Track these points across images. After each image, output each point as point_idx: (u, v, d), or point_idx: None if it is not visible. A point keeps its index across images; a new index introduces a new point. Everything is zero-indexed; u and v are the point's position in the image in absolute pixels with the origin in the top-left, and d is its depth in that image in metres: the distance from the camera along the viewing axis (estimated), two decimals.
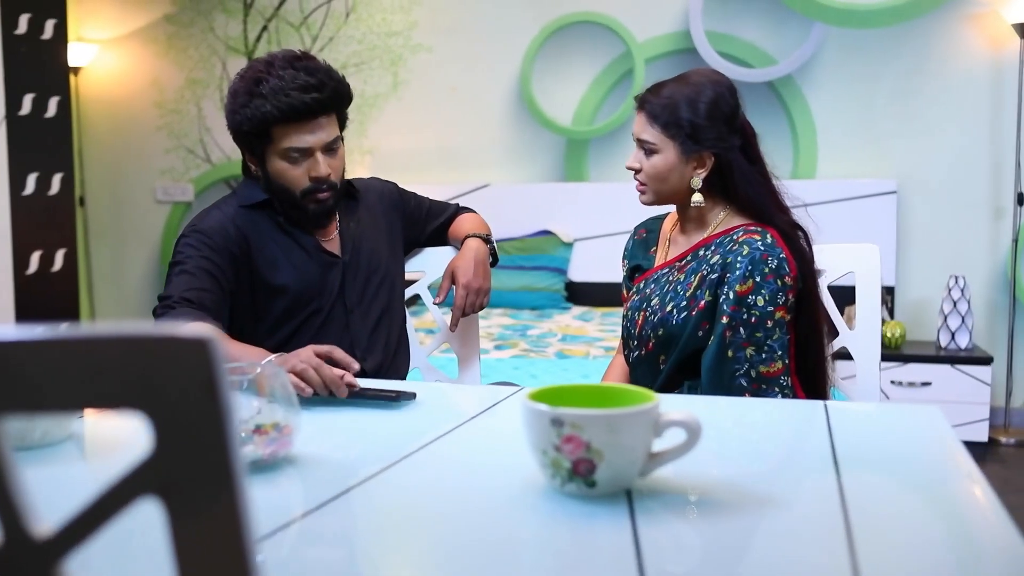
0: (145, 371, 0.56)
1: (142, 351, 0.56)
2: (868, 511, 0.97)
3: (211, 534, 0.58)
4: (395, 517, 1.03)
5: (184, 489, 0.57)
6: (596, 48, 4.56)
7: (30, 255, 4.01)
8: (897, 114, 4.25)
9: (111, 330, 0.55)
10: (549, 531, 0.96)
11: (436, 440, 1.25)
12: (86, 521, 0.58)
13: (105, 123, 5.13)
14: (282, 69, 1.76)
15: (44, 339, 0.56)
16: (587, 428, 0.97)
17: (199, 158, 5.05)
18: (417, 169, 4.75)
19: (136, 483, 0.57)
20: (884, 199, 4.21)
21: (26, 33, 3.96)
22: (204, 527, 0.58)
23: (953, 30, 4.16)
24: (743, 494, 1.03)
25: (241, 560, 0.58)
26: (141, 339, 0.56)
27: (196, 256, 1.76)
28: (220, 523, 0.58)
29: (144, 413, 0.56)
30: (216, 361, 0.55)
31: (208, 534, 0.58)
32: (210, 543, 0.58)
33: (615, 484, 1.00)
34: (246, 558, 0.58)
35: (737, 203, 1.82)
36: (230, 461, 0.57)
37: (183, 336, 0.55)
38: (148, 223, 5.14)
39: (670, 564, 0.86)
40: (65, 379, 0.56)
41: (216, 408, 0.56)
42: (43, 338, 0.56)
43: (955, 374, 3.87)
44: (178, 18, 5.01)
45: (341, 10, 4.81)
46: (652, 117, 1.78)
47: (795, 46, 4.31)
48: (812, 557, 0.87)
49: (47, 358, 0.57)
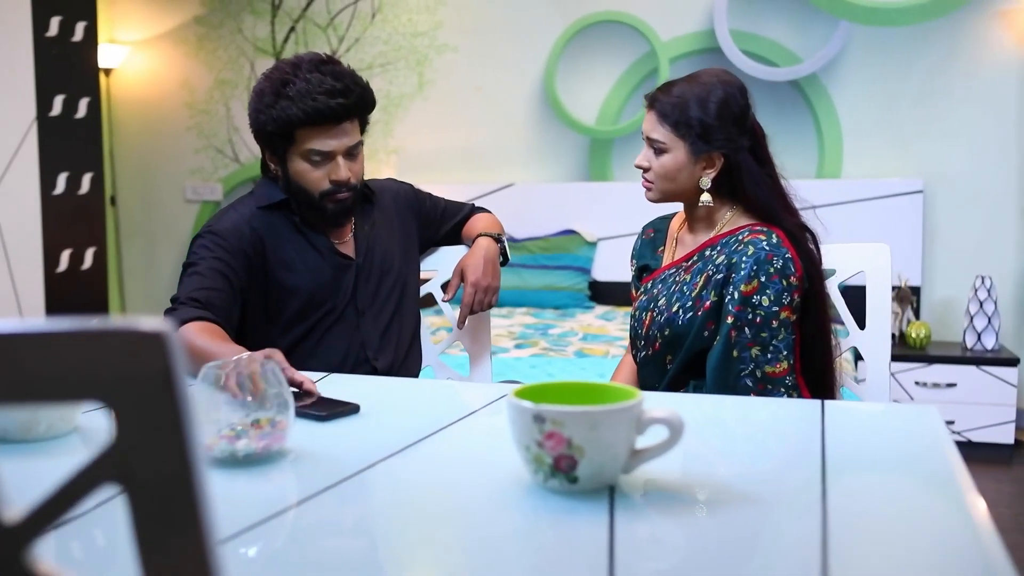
0: (105, 363, 0.58)
1: (102, 344, 0.58)
2: (846, 511, 0.97)
3: (171, 520, 0.60)
4: (383, 510, 1.05)
5: (144, 476, 0.59)
6: (620, 48, 4.56)
7: (60, 253, 4.08)
8: (923, 113, 4.21)
9: (72, 324, 0.58)
10: (530, 526, 0.98)
11: (430, 436, 1.27)
12: (52, 506, 0.60)
13: (136, 123, 5.21)
14: (309, 72, 1.78)
15: (6, 333, 0.58)
16: (568, 425, 0.98)
17: (227, 158, 5.11)
18: (442, 169, 4.78)
19: (98, 471, 0.59)
20: (910, 199, 4.17)
21: (57, 35, 4.04)
22: (164, 513, 0.60)
23: (981, 28, 4.12)
24: (725, 492, 1.03)
25: (201, 546, 0.60)
26: (101, 333, 0.58)
27: (209, 257, 1.79)
28: (180, 509, 0.60)
29: (105, 404, 0.58)
30: (173, 353, 0.57)
31: (168, 520, 0.60)
32: (170, 529, 0.60)
33: (597, 480, 1.01)
34: (206, 544, 0.60)
35: (745, 204, 1.82)
36: (188, 449, 0.59)
37: (141, 329, 0.57)
38: (178, 222, 5.21)
39: (641, 560, 0.87)
40: (27, 372, 0.59)
41: (173, 399, 0.58)
42: (5, 332, 0.58)
43: (981, 375, 3.83)
44: (208, 20, 5.08)
45: (367, 11, 4.85)
46: (662, 116, 1.79)
47: (820, 45, 4.28)
48: (783, 556, 0.88)
49: (9, 351, 0.59)
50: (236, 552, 0.89)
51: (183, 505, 0.59)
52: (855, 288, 1.97)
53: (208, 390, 1.14)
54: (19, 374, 0.59)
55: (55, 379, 0.59)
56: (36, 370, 0.59)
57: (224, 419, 1.13)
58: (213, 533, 0.60)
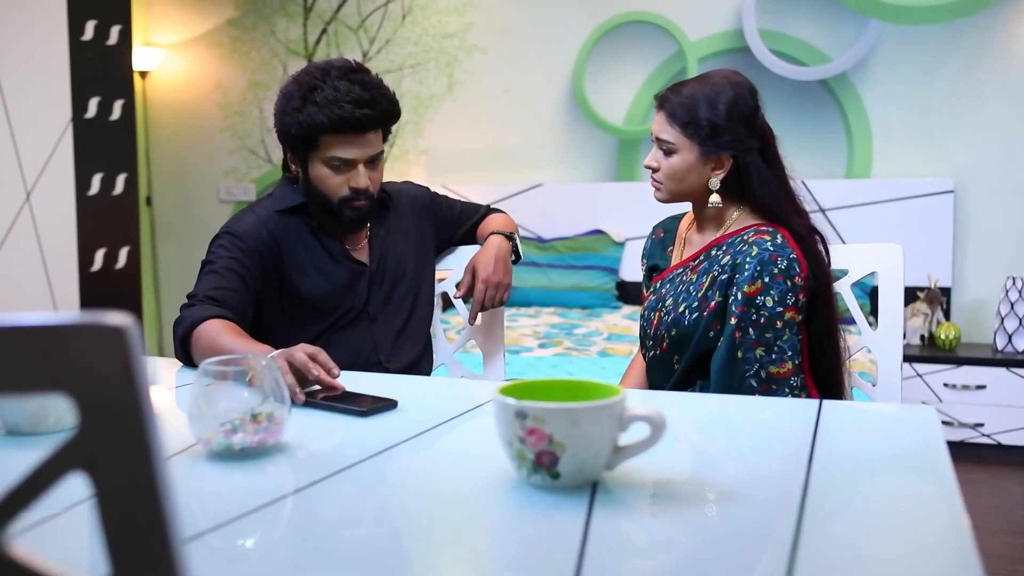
0: (69, 356, 0.61)
1: (66, 337, 0.61)
2: (821, 510, 0.98)
3: (133, 506, 0.63)
4: (372, 503, 1.07)
5: (107, 464, 0.62)
6: (648, 48, 4.56)
7: (95, 253, 4.17)
8: (954, 112, 4.16)
9: (37, 318, 0.61)
10: (513, 520, 1.00)
11: (424, 433, 1.29)
12: (21, 494, 0.63)
13: (171, 125, 5.30)
14: (338, 80, 1.81)
15: None
16: (549, 421, 1.00)
17: (260, 158, 5.18)
18: (471, 169, 4.81)
19: (64, 459, 0.62)
20: (941, 198, 4.13)
21: (92, 39, 4.12)
22: (127, 500, 0.63)
23: (1012, 25, 4.06)
24: (707, 490, 1.04)
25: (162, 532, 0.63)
26: (64, 327, 0.61)
27: (226, 257, 1.83)
28: (141, 496, 0.63)
29: (69, 395, 0.61)
30: (133, 346, 0.60)
31: (131, 506, 0.63)
32: (133, 515, 0.63)
33: (579, 476, 1.03)
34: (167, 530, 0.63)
35: (752, 204, 1.82)
36: (148, 438, 0.62)
37: (102, 323, 0.60)
38: (212, 222, 5.29)
39: (610, 555, 0.88)
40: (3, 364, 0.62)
41: (134, 390, 0.61)
42: None
43: (1011, 378, 3.78)
44: (241, 22, 5.15)
45: (398, 13, 4.89)
46: (671, 117, 1.79)
47: (850, 44, 4.25)
48: (751, 555, 0.89)
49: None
50: (229, 543, 0.92)
51: (145, 492, 0.62)
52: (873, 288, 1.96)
53: (207, 385, 1.17)
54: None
55: (19, 371, 0.62)
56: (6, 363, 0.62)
57: (222, 413, 1.16)
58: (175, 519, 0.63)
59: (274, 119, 1.90)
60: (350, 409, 1.38)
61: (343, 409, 1.38)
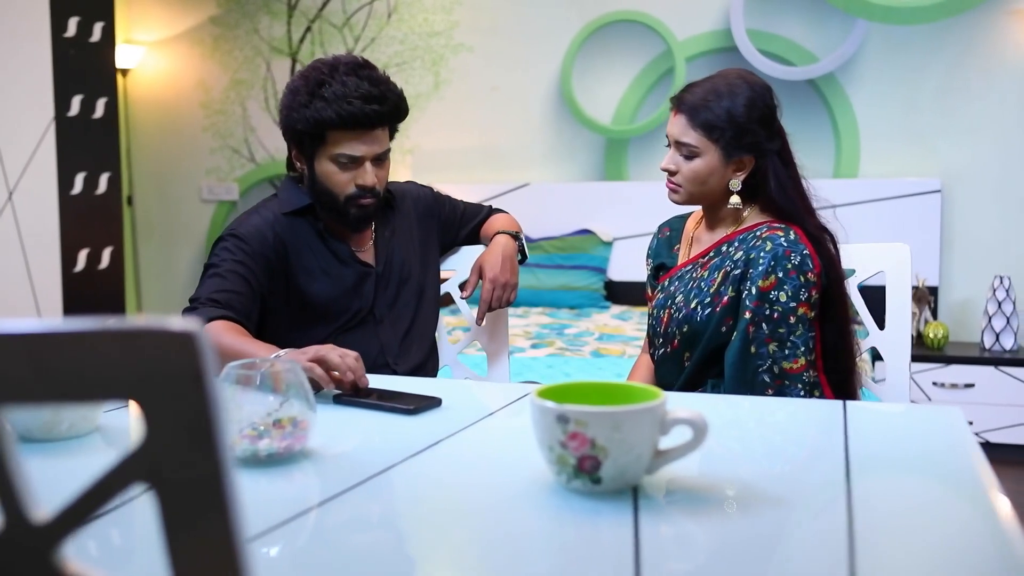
0: (136, 363, 0.58)
1: (133, 344, 0.58)
2: (871, 511, 0.97)
3: (199, 519, 0.60)
4: (405, 510, 1.05)
5: (173, 476, 0.59)
6: (636, 47, 4.55)
7: (78, 253, 4.10)
8: (941, 112, 4.19)
9: (103, 324, 0.58)
10: (554, 526, 0.97)
11: (450, 437, 1.27)
12: (82, 506, 0.60)
13: (153, 124, 5.23)
14: (346, 75, 1.78)
15: (40, 332, 0.59)
16: (592, 425, 0.98)
17: (244, 158, 5.12)
18: (458, 168, 4.78)
19: (128, 471, 0.59)
20: (928, 198, 4.15)
21: (75, 36, 4.06)
22: (193, 512, 0.60)
23: (998, 26, 4.09)
24: (750, 493, 1.03)
25: (230, 545, 0.60)
26: (132, 332, 0.58)
27: (230, 260, 1.79)
28: (208, 508, 0.60)
29: (135, 403, 0.58)
30: (203, 353, 0.57)
31: (196, 519, 0.60)
32: (199, 528, 0.60)
33: (620, 481, 1.01)
34: (235, 544, 0.60)
35: (765, 204, 1.81)
36: (217, 449, 0.59)
37: (172, 329, 0.57)
38: (194, 222, 5.23)
39: (667, 561, 0.86)
40: (59, 371, 0.59)
41: (203, 398, 0.58)
42: (39, 331, 0.59)
43: (999, 376, 3.81)
44: (223, 20, 5.09)
45: (383, 11, 4.85)
46: (692, 119, 1.76)
47: (837, 43, 4.26)
48: (809, 558, 0.87)
49: (42, 351, 0.59)
50: (259, 552, 0.89)
51: (212, 505, 0.59)
52: (871, 288, 1.96)
53: (230, 389, 1.14)
54: (50, 373, 0.59)
55: (85, 378, 0.59)
56: (66, 369, 0.59)
57: (246, 418, 1.13)
58: (242, 533, 0.60)
59: (280, 115, 1.87)
60: (397, 408, 1.37)
61: (389, 408, 1.37)
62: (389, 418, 1.37)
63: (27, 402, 0.60)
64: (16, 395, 0.60)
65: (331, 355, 1.45)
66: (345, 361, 1.45)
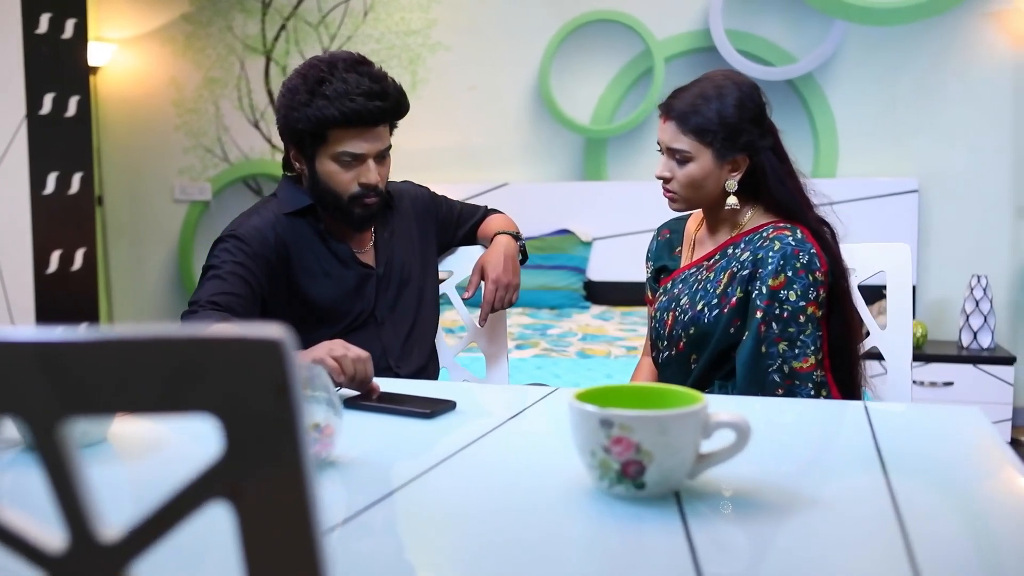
0: (216, 373, 0.55)
1: (213, 353, 0.55)
2: (920, 511, 0.96)
3: (281, 538, 0.57)
4: (441, 520, 1.02)
5: (254, 493, 0.56)
6: (615, 47, 4.54)
7: (50, 254, 4.01)
8: (918, 112, 4.22)
9: (181, 332, 0.55)
10: (598, 533, 0.95)
11: (476, 442, 1.24)
12: (155, 525, 0.57)
13: (123, 122, 5.14)
14: (346, 72, 1.75)
15: (113, 340, 0.55)
16: (637, 429, 0.96)
17: (217, 157, 5.05)
18: (436, 168, 4.74)
19: (206, 486, 0.56)
20: (905, 198, 4.18)
21: (47, 33, 3.97)
22: (274, 531, 0.57)
23: (975, 27, 4.13)
24: (791, 496, 1.01)
25: (312, 564, 0.57)
26: (212, 341, 0.55)
27: (230, 261, 1.75)
28: (290, 527, 0.57)
29: (214, 416, 0.55)
30: (289, 363, 0.54)
31: (278, 538, 0.57)
32: (280, 547, 0.57)
33: (664, 486, 0.99)
34: (317, 562, 0.57)
35: (767, 202, 1.80)
36: (301, 464, 0.56)
37: (255, 337, 0.54)
38: (166, 222, 5.14)
39: (726, 566, 0.85)
40: (134, 382, 0.56)
41: (288, 410, 0.55)
42: (112, 339, 0.55)
43: (978, 374, 3.84)
44: (196, 17, 5.01)
45: (359, 9, 4.80)
46: (682, 124, 1.75)
47: (815, 44, 4.28)
48: (871, 560, 0.86)
49: (116, 360, 0.56)
50: None
51: (294, 522, 0.57)
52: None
53: None
54: (126, 383, 0.56)
55: (162, 389, 0.56)
56: (142, 379, 0.56)
57: None
58: (324, 551, 0.57)
59: (278, 115, 1.83)
60: (413, 412, 1.34)
61: (405, 412, 1.34)
62: (405, 422, 1.34)
63: (101, 413, 0.57)
64: (90, 406, 0.56)
65: (340, 350, 1.42)
66: (355, 365, 1.42)
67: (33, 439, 0.59)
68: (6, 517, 0.60)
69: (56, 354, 0.56)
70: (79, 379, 0.57)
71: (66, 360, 0.57)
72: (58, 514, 0.58)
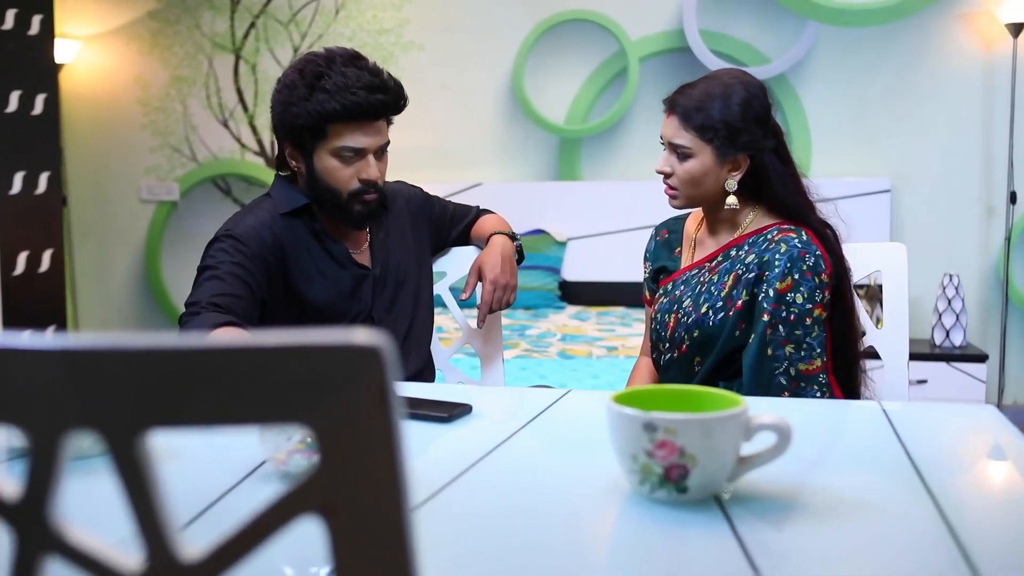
0: (312, 382, 0.52)
1: (309, 361, 0.52)
2: (964, 509, 0.95)
3: (375, 554, 0.55)
4: (477, 526, 1.00)
5: (349, 507, 0.54)
6: (589, 46, 4.54)
7: (17, 256, 3.92)
8: (891, 113, 4.27)
9: (276, 339, 0.52)
10: (640, 538, 0.94)
11: (500, 446, 1.22)
12: (240, 543, 0.55)
13: (88, 121, 5.04)
14: (344, 66, 1.73)
15: (200, 349, 0.52)
16: (682, 433, 0.94)
17: (185, 157, 4.97)
18: (409, 168, 4.69)
19: (297, 501, 0.54)
20: (878, 198, 4.23)
21: (12, 29, 3.87)
22: (368, 547, 0.54)
23: (945, 29, 4.19)
24: (834, 498, 1.01)
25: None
26: (308, 348, 0.52)
27: (228, 262, 1.71)
28: (385, 542, 0.54)
29: (309, 427, 0.53)
30: (389, 370, 0.52)
31: (372, 554, 0.55)
32: (374, 563, 0.55)
33: (706, 490, 0.98)
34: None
35: (770, 204, 1.80)
36: (399, 477, 0.54)
37: (354, 343, 0.52)
38: (132, 223, 5.05)
39: (786, 571, 0.83)
40: (227, 392, 0.53)
41: (387, 421, 0.53)
42: (199, 348, 0.52)
43: (951, 372, 3.89)
44: (163, 15, 4.93)
45: (331, 7, 4.75)
46: (685, 120, 1.75)
47: (789, 45, 4.31)
48: (928, 560, 0.85)
49: (202, 369, 0.53)
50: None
51: (390, 538, 0.54)
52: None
53: None
54: (213, 393, 0.53)
55: (253, 400, 0.53)
56: (230, 390, 0.53)
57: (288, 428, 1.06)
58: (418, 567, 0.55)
59: (274, 112, 1.80)
60: (431, 415, 1.31)
61: (422, 416, 1.31)
62: (422, 426, 1.31)
63: (190, 425, 0.54)
64: (177, 418, 0.54)
65: None
66: None
67: (109, 453, 0.56)
68: (79, 538, 0.57)
69: (137, 363, 0.53)
70: (161, 390, 0.54)
71: (147, 370, 0.54)
72: (136, 532, 0.55)
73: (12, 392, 0.55)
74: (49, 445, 0.55)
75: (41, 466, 0.56)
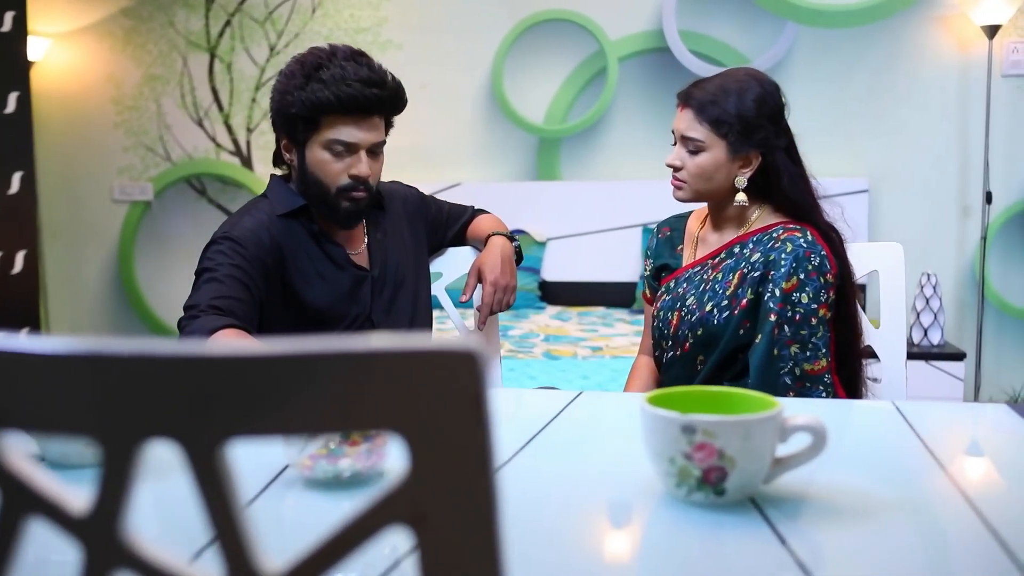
0: (405, 389, 0.51)
1: (402, 367, 0.51)
2: (1001, 508, 0.95)
3: (465, 567, 0.53)
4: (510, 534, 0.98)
5: (439, 518, 0.52)
6: (568, 46, 4.53)
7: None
8: (868, 113, 4.30)
9: (368, 345, 0.50)
10: (678, 540, 0.93)
11: (523, 449, 1.21)
12: (324, 556, 0.53)
13: (59, 120, 4.95)
14: (344, 60, 1.72)
15: (287, 354, 0.51)
16: (721, 435, 0.94)
17: (159, 156, 4.90)
18: (387, 168, 4.62)
19: (386, 512, 0.52)
20: (856, 198, 4.26)
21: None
22: (458, 559, 0.53)
23: (922, 31, 4.23)
24: (866, 498, 1.00)
25: None
26: (401, 354, 0.51)
27: (227, 263, 1.68)
28: (475, 555, 0.53)
29: (401, 435, 0.51)
30: (484, 377, 0.51)
31: (461, 567, 0.53)
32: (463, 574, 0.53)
33: (743, 492, 0.97)
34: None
35: (778, 202, 1.80)
36: (490, 488, 0.52)
37: (449, 349, 0.50)
38: (105, 223, 4.97)
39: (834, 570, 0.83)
40: (316, 399, 0.51)
41: (481, 429, 0.51)
42: (286, 353, 0.51)
43: (929, 370, 3.93)
44: (136, 12, 4.85)
45: (307, 5, 4.71)
46: (700, 113, 1.75)
47: (767, 45, 4.33)
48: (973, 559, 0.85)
49: (286, 375, 0.51)
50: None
51: (480, 550, 0.53)
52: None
53: None
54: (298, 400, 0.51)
55: (345, 407, 0.52)
56: (326, 397, 0.51)
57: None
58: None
59: (272, 101, 1.78)
60: None
61: None
62: None
63: (274, 433, 0.52)
64: (247, 426, 0.52)
65: None
66: None
67: (188, 464, 0.53)
68: (152, 552, 0.55)
69: (220, 371, 0.51)
70: (244, 398, 0.52)
71: (230, 378, 0.52)
72: (217, 546, 0.53)
73: (86, 400, 0.53)
74: (123, 456, 0.53)
75: (113, 478, 0.53)
